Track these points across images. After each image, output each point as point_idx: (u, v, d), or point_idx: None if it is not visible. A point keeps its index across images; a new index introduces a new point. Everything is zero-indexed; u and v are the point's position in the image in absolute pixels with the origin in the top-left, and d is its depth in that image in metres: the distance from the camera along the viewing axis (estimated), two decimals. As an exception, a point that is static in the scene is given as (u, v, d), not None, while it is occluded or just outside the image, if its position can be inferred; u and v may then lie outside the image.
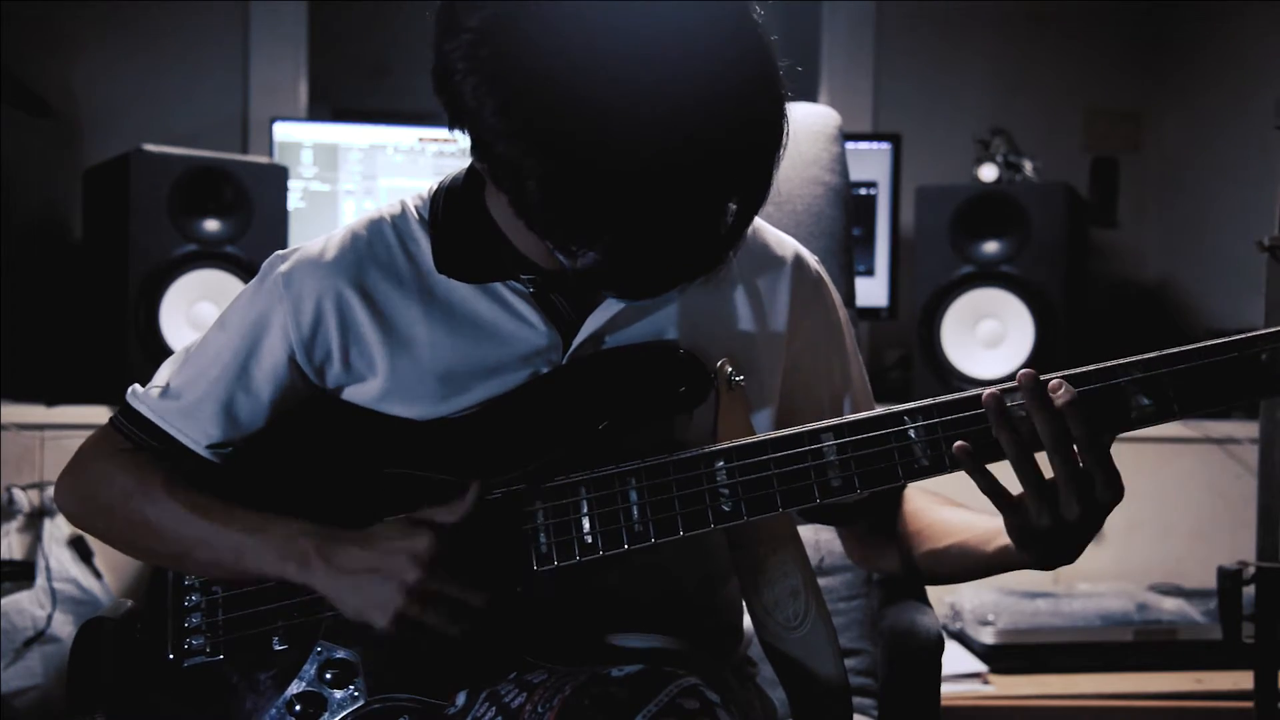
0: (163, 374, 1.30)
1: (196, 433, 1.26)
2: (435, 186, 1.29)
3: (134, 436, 1.28)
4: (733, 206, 1.05)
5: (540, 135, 0.99)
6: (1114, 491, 1.10)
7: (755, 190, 1.06)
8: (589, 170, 0.99)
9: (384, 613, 1.13)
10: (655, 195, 1.00)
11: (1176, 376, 1.09)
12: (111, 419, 1.31)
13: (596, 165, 0.99)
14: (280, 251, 1.28)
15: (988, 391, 1.09)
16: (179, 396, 1.26)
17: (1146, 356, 1.10)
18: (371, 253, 1.25)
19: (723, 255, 1.10)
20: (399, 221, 1.27)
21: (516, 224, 1.15)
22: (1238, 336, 1.09)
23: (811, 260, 1.36)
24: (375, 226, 1.27)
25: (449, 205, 1.25)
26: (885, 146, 3.03)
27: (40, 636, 2.35)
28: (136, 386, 1.30)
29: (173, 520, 1.23)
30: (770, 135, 1.04)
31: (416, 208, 1.28)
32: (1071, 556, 1.15)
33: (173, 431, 1.26)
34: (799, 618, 1.24)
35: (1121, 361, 1.11)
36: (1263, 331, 1.08)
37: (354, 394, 1.26)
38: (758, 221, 1.34)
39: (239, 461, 1.27)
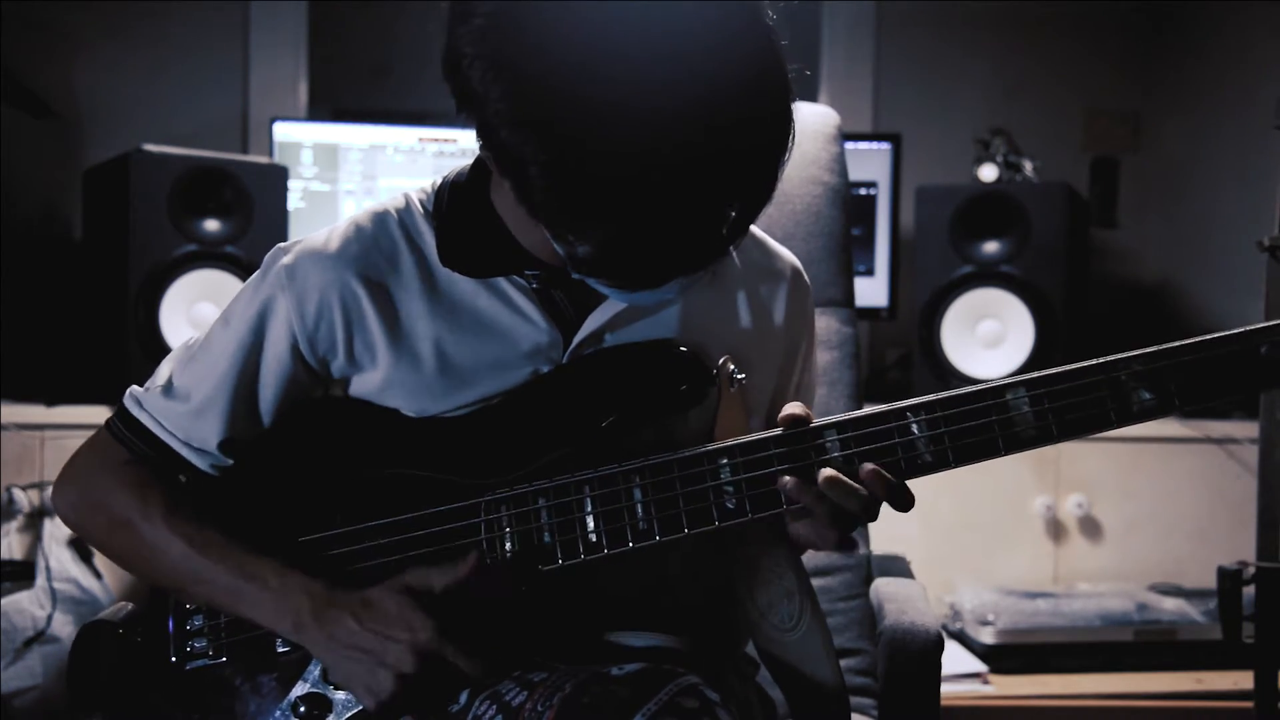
0: (164, 371, 1.28)
1: (206, 433, 1.25)
2: (440, 181, 1.28)
3: (134, 447, 1.27)
4: (734, 205, 1.05)
5: (545, 122, 0.99)
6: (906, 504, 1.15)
7: (759, 189, 1.06)
8: (591, 159, 0.99)
9: (373, 697, 1.15)
10: (657, 188, 1.00)
11: (1178, 370, 1.10)
12: (109, 424, 1.29)
13: (599, 155, 0.99)
14: (282, 244, 1.27)
15: (784, 479, 1.14)
16: (187, 397, 1.25)
17: (1148, 350, 1.11)
18: (375, 245, 1.25)
19: (722, 252, 1.10)
20: (403, 215, 1.27)
21: (521, 217, 1.15)
22: (1238, 330, 1.09)
23: (804, 274, 1.38)
24: (379, 219, 1.27)
25: (454, 199, 1.25)
26: (885, 146, 3.03)
27: (40, 636, 2.35)
28: (135, 389, 1.29)
29: (172, 553, 1.22)
30: (776, 136, 1.04)
31: (421, 201, 1.28)
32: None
33: (175, 445, 1.26)
34: (793, 620, 1.23)
35: (1123, 355, 1.11)
36: (1263, 325, 1.09)
37: (356, 386, 1.25)
38: (759, 231, 1.35)
39: (242, 466, 1.27)
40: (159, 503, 1.24)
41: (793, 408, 1.16)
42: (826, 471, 1.12)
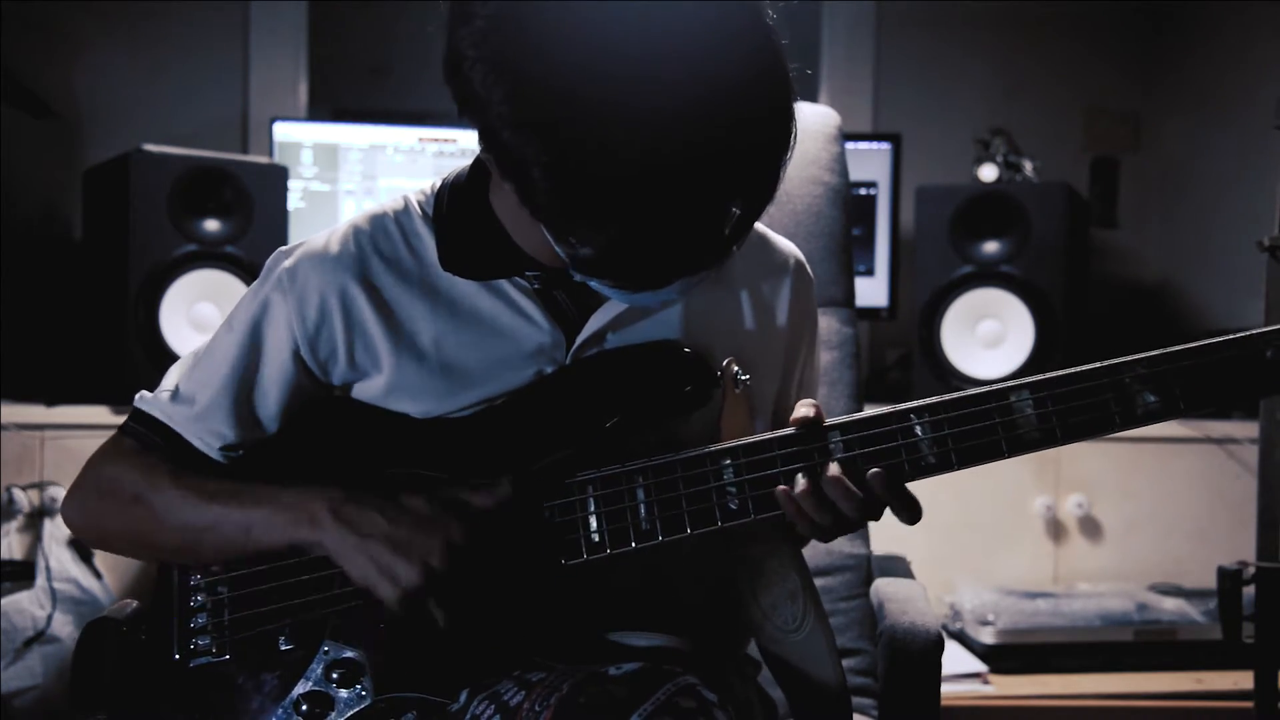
0: (171, 378, 1.29)
1: (209, 435, 1.25)
2: (439, 183, 1.28)
3: (143, 437, 1.27)
4: (737, 204, 1.05)
5: (547, 124, 0.99)
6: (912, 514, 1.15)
7: (761, 189, 1.06)
8: (594, 161, 0.99)
9: (394, 585, 1.13)
10: (659, 189, 1.00)
11: (1182, 373, 1.10)
12: (121, 427, 1.30)
13: (602, 156, 0.99)
14: (283, 248, 1.27)
15: (780, 488, 1.14)
16: (191, 401, 1.26)
17: (1152, 353, 1.11)
18: (375, 248, 1.25)
19: (725, 252, 1.10)
20: (402, 217, 1.27)
21: (521, 219, 1.16)
22: (1242, 334, 1.09)
23: (807, 265, 1.37)
24: (378, 221, 1.27)
25: (454, 201, 1.25)
26: (885, 146, 3.03)
27: (40, 636, 2.35)
28: (144, 392, 1.30)
29: (180, 508, 1.22)
30: (777, 135, 1.04)
31: (420, 203, 1.28)
32: None
33: (185, 434, 1.26)
34: (797, 620, 1.23)
35: (1127, 359, 1.11)
36: (1267, 329, 1.09)
37: (359, 390, 1.26)
38: (761, 225, 1.35)
39: (245, 463, 1.27)
40: (163, 470, 1.24)
41: (804, 408, 1.16)
42: (832, 470, 1.12)
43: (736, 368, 1.23)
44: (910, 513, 1.14)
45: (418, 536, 1.12)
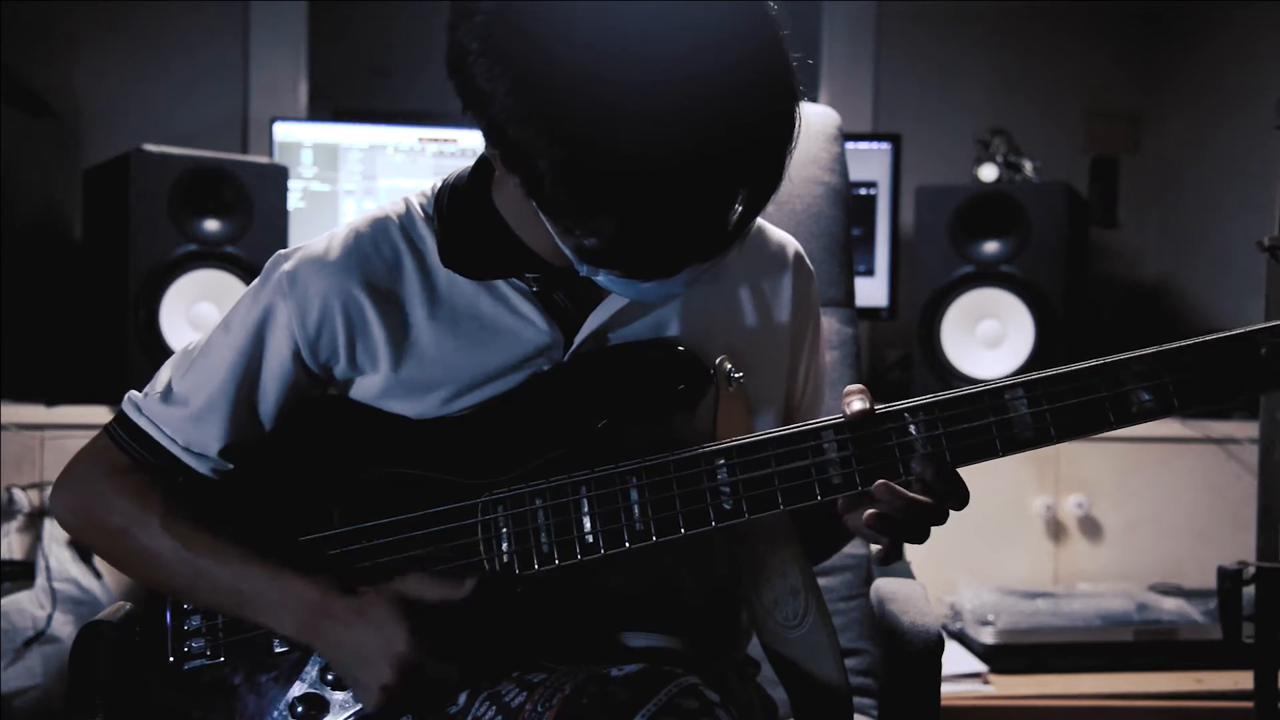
0: (163, 377, 1.28)
1: (207, 438, 1.24)
2: (439, 183, 1.28)
3: (133, 453, 1.26)
4: (743, 194, 1.05)
5: (552, 115, 0.99)
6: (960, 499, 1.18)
7: (766, 179, 1.06)
8: (602, 153, 0.99)
9: (365, 701, 1.16)
10: (666, 179, 1.00)
11: (1176, 371, 1.09)
12: (108, 429, 1.28)
13: (609, 148, 0.99)
14: (282, 250, 1.27)
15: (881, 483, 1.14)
16: (187, 403, 1.25)
17: (1147, 351, 1.10)
18: (376, 250, 1.24)
19: (731, 242, 1.10)
20: (404, 220, 1.27)
21: (524, 217, 1.16)
22: (1237, 331, 1.09)
23: (806, 257, 1.37)
24: (380, 224, 1.26)
25: (454, 201, 1.25)
26: (885, 146, 3.03)
27: (40, 636, 2.35)
28: (134, 394, 1.28)
29: (168, 560, 1.22)
30: (783, 126, 1.04)
31: (421, 205, 1.28)
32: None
33: (175, 450, 1.25)
34: (798, 616, 1.23)
35: (1122, 356, 1.11)
36: (1262, 325, 1.08)
37: (358, 390, 1.25)
38: (758, 219, 1.35)
39: (241, 469, 1.26)
40: (156, 510, 1.23)
41: (856, 400, 1.16)
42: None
43: (730, 365, 1.23)
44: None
45: (369, 658, 1.14)
